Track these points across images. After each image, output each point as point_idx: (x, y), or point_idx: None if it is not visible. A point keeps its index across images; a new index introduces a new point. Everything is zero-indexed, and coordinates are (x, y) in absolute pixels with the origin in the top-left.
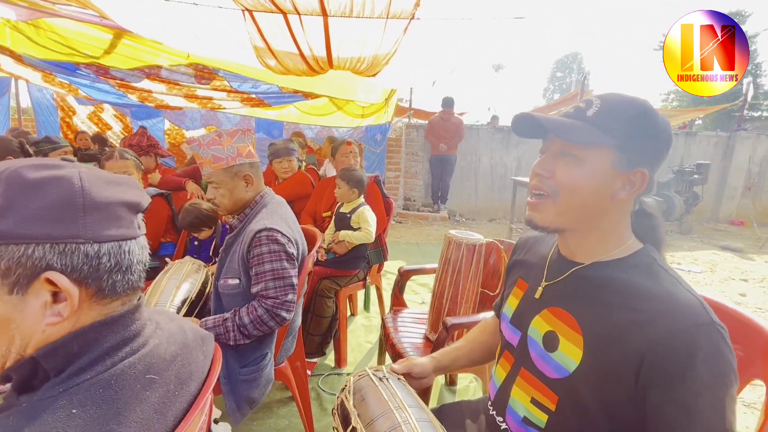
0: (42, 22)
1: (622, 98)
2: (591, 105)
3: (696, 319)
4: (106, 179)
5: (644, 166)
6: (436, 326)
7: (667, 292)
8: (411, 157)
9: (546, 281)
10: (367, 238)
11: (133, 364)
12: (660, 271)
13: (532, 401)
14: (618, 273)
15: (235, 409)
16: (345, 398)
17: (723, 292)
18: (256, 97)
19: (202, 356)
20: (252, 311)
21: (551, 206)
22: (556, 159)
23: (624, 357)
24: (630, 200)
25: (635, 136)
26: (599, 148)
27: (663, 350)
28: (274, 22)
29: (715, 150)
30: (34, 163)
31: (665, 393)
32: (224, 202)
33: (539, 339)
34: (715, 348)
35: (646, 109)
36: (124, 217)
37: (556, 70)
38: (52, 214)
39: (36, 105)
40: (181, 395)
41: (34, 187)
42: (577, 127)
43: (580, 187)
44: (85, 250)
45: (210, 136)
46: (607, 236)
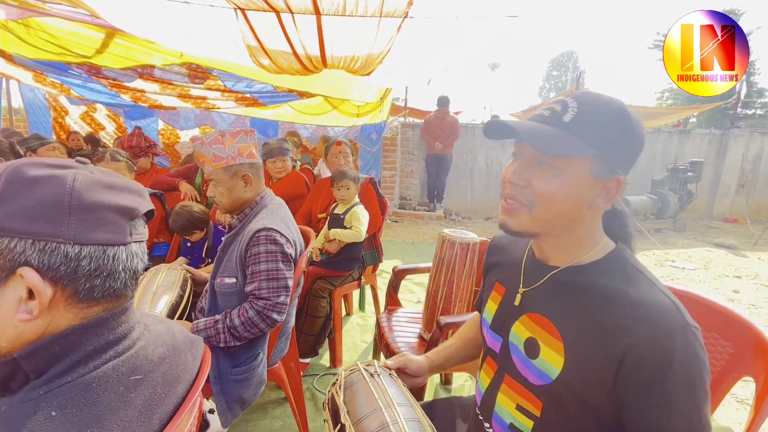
0: (32, 21)
1: (598, 101)
2: (566, 108)
3: (671, 323)
4: (105, 183)
5: (620, 173)
6: (431, 325)
7: (642, 296)
8: (407, 156)
9: (524, 287)
10: (356, 236)
11: (117, 366)
12: (635, 273)
13: (518, 408)
14: (594, 277)
15: (225, 409)
16: (336, 393)
17: (717, 289)
18: (251, 97)
19: (191, 358)
20: (243, 313)
21: (526, 214)
22: (532, 167)
23: (603, 362)
24: (605, 207)
25: (614, 144)
26: (579, 158)
27: (640, 355)
28: (266, 20)
29: (708, 148)
30: (41, 162)
31: (644, 396)
32: (222, 201)
33: (521, 345)
34: (690, 350)
35: (624, 113)
36: (113, 222)
37: (551, 69)
38: (38, 211)
39: (28, 105)
40: (168, 397)
41: (29, 183)
42: (555, 137)
43: (558, 198)
44: (65, 250)
45: (213, 135)
46: (581, 240)
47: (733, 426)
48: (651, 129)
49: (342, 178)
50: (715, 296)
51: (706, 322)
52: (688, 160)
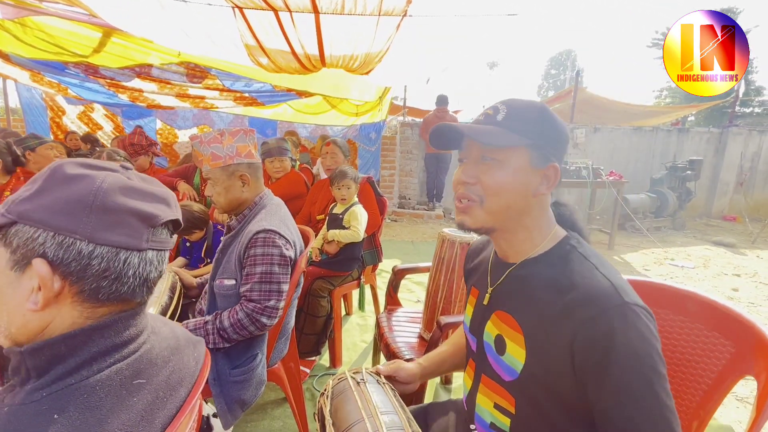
0: (29, 20)
1: (523, 102)
2: (498, 111)
3: (608, 302)
4: (133, 188)
5: (555, 161)
6: (431, 325)
7: (582, 281)
8: (406, 155)
9: (491, 286)
10: (354, 237)
11: (121, 369)
12: (579, 259)
13: (495, 406)
14: (544, 268)
15: (225, 411)
16: (324, 403)
17: (716, 288)
18: (249, 96)
19: (193, 361)
20: (233, 315)
21: (479, 209)
22: (478, 165)
23: (557, 351)
24: (548, 194)
25: (544, 135)
26: (516, 148)
27: (585, 338)
28: (265, 19)
29: (707, 146)
30: (84, 162)
31: (597, 378)
32: (219, 200)
33: (492, 343)
34: (631, 327)
35: (545, 110)
36: (131, 225)
37: (550, 68)
38: (64, 206)
39: (25, 105)
40: (170, 401)
41: (65, 180)
42: (494, 132)
43: (505, 188)
44: (79, 247)
45: (212, 134)
46: (532, 232)
47: (733, 425)
48: (649, 127)
49: (343, 178)
50: (715, 294)
51: (707, 322)
52: (687, 159)
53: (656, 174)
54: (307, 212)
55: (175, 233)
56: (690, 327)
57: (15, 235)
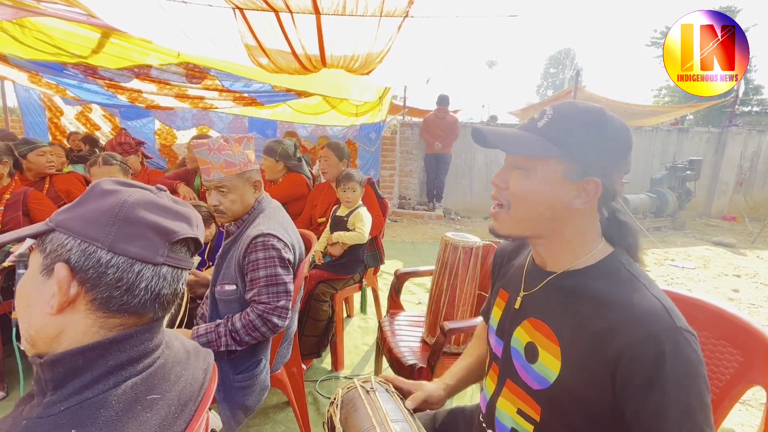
0: (27, 21)
1: (574, 108)
2: (543, 116)
3: (660, 326)
4: (157, 205)
5: (596, 175)
6: (434, 330)
7: (632, 300)
8: (406, 155)
9: (524, 291)
10: (359, 238)
11: (136, 384)
12: (628, 276)
13: (519, 412)
14: (589, 281)
15: (229, 417)
16: (333, 413)
17: (716, 288)
18: (249, 96)
19: (202, 374)
20: (244, 317)
21: (506, 216)
22: (511, 170)
23: (598, 367)
24: (589, 208)
25: (584, 146)
26: (549, 159)
27: (631, 358)
28: (265, 20)
29: (707, 146)
30: (121, 180)
31: (638, 400)
32: (233, 208)
33: (521, 350)
34: (680, 353)
35: (598, 119)
36: (148, 239)
37: (549, 67)
38: (94, 217)
39: (23, 105)
40: (181, 417)
41: (100, 194)
42: (524, 140)
43: (531, 198)
44: (99, 255)
45: (218, 140)
46: (573, 244)
47: (735, 428)
48: (649, 127)
49: (349, 181)
50: (717, 297)
51: (715, 330)
52: (687, 159)
53: (656, 174)
54: (308, 215)
55: (196, 254)
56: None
57: (50, 241)
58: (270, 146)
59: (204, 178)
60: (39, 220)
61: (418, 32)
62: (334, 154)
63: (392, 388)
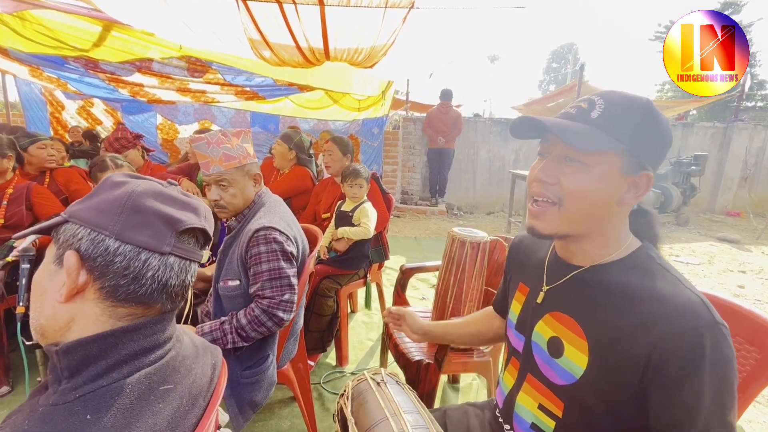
0: (27, 14)
1: (625, 98)
2: (594, 106)
3: (699, 321)
4: (165, 195)
5: (650, 168)
6: None
7: (668, 293)
8: (408, 150)
9: (547, 285)
10: (364, 233)
11: (150, 374)
12: (660, 270)
13: (540, 407)
14: (618, 275)
15: (237, 413)
16: (344, 404)
17: (722, 284)
18: (251, 90)
19: (211, 369)
20: (249, 312)
21: (555, 214)
22: (561, 164)
23: (629, 361)
24: (634, 203)
25: (643, 140)
26: (607, 153)
27: (667, 352)
28: (269, 11)
29: (712, 141)
30: (131, 173)
31: (669, 395)
32: (234, 202)
33: (544, 345)
34: (719, 350)
35: (651, 110)
36: (155, 227)
37: (551, 61)
38: (104, 206)
39: (24, 100)
40: (192, 411)
41: (111, 186)
42: (584, 132)
43: (588, 195)
44: (107, 243)
45: (216, 134)
46: (608, 239)
47: (743, 424)
48: None
49: (356, 177)
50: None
51: (732, 327)
52: (692, 154)
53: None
54: (312, 210)
55: (206, 247)
56: None
57: (64, 232)
58: (288, 134)
59: (203, 172)
60: (42, 214)
61: (423, 25)
62: (338, 148)
63: (403, 381)
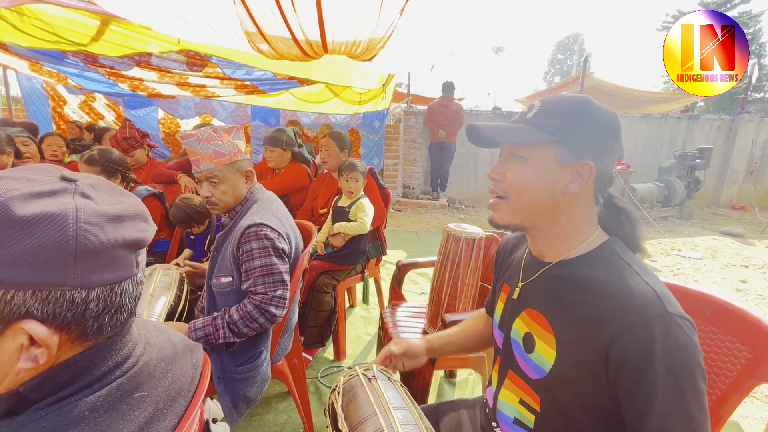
0: (26, 8)
1: (561, 99)
2: (532, 109)
3: (651, 312)
4: (109, 216)
5: (589, 158)
6: (435, 321)
7: (623, 286)
8: (410, 144)
9: (521, 282)
10: (361, 229)
11: (122, 384)
12: (620, 263)
13: (521, 402)
14: (582, 269)
15: (231, 408)
16: (335, 400)
17: (724, 279)
18: (251, 84)
19: (192, 368)
20: (242, 308)
21: (505, 206)
22: (507, 162)
23: (591, 354)
24: (584, 193)
25: (572, 131)
26: (540, 145)
27: (623, 345)
28: (264, 4)
29: (717, 134)
30: (27, 192)
31: (631, 386)
32: (225, 199)
33: (520, 340)
34: (672, 339)
35: (583, 105)
36: (121, 258)
37: (557, 52)
38: (37, 258)
39: (26, 94)
40: (171, 412)
41: (22, 226)
42: (516, 129)
43: (528, 185)
44: (71, 296)
45: (207, 131)
46: (568, 232)
47: (740, 420)
48: (658, 115)
49: (352, 171)
50: (723, 287)
51: (723, 325)
52: (697, 147)
53: (664, 162)
54: (310, 206)
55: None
56: (704, 330)
57: None
58: (275, 137)
59: (194, 169)
60: None
61: (421, 16)
62: (335, 143)
63: (394, 377)
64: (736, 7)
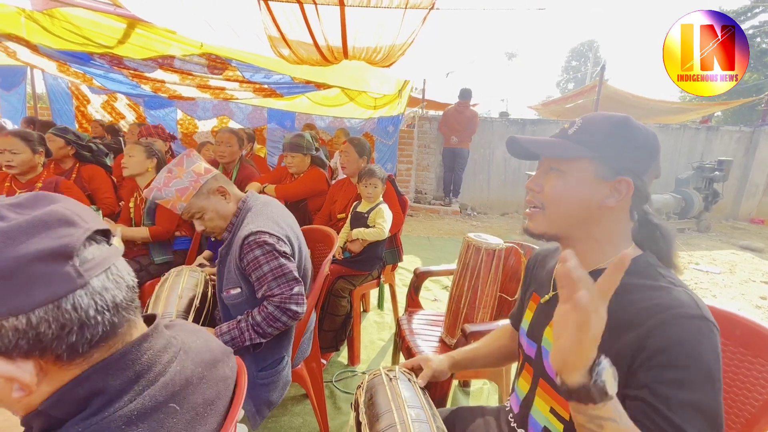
0: (57, 11)
1: (602, 116)
2: (573, 125)
3: (686, 311)
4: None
5: (627, 175)
6: (453, 330)
7: (660, 292)
8: (423, 149)
9: (553, 291)
10: (379, 234)
11: (154, 395)
12: (656, 273)
13: (551, 411)
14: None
15: (254, 412)
16: (359, 395)
17: (743, 295)
18: (269, 88)
19: (229, 371)
20: (263, 309)
21: (542, 217)
22: (546, 174)
23: (621, 357)
24: (620, 208)
25: (612, 147)
26: (580, 159)
27: (655, 339)
28: (289, 11)
29: (737, 146)
30: None
31: (649, 377)
32: (216, 224)
33: (551, 349)
34: (705, 339)
35: (624, 123)
36: (47, 272)
37: (571, 59)
38: None
39: (51, 93)
40: (209, 416)
41: None
42: (558, 144)
43: (565, 197)
44: (11, 325)
45: (161, 176)
46: (602, 244)
47: None
48: (676, 125)
49: (371, 176)
50: (742, 303)
51: (753, 347)
52: (716, 159)
53: (682, 174)
54: (327, 211)
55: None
56: (732, 351)
57: None
58: (296, 143)
59: (178, 213)
60: None
61: (443, 25)
62: (354, 149)
63: (414, 378)
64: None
